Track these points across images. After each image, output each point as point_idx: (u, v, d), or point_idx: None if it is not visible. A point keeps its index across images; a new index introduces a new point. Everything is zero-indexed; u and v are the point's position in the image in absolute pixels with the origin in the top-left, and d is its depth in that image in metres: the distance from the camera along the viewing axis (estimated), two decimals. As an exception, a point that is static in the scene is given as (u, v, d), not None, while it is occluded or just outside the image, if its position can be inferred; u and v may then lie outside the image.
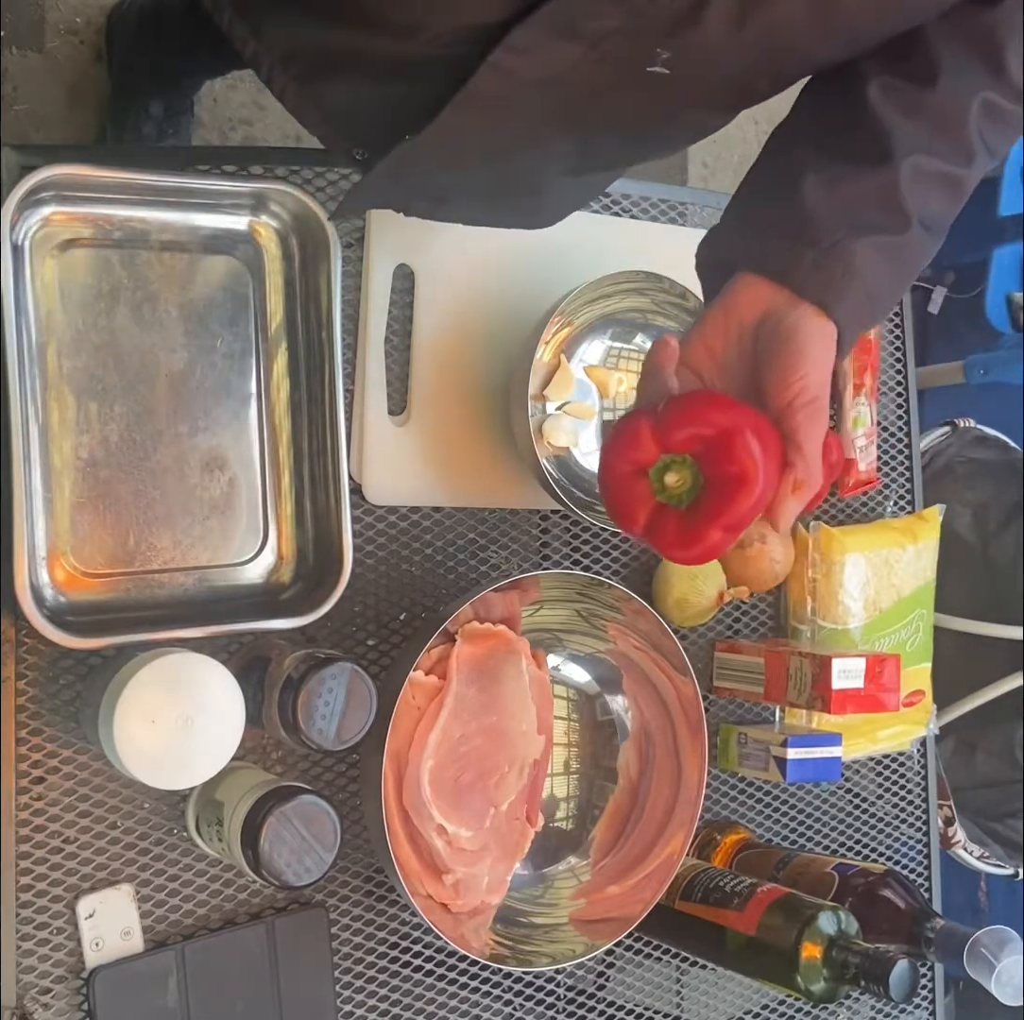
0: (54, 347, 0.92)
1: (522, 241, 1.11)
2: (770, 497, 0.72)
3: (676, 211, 1.20)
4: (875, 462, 1.28)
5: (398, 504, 1.07)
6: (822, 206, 0.73)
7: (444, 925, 0.96)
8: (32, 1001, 0.92)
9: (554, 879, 1.08)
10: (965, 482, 1.82)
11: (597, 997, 1.15)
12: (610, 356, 1.12)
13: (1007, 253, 2.09)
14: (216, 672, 0.87)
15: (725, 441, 0.70)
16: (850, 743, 1.24)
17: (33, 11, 1.66)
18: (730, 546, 0.75)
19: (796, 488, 0.72)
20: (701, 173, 2.26)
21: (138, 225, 0.95)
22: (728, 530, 0.73)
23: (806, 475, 0.72)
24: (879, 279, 0.74)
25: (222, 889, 0.99)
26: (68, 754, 0.94)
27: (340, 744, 0.88)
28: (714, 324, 0.76)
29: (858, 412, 1.25)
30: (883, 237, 0.74)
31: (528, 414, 1.02)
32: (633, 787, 1.09)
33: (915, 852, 1.33)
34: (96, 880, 0.95)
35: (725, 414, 0.71)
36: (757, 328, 0.74)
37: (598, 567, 1.16)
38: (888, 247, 0.74)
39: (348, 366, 1.04)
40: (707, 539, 0.73)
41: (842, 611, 1.23)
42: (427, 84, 0.75)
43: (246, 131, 1.82)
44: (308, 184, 1.02)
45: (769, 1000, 1.23)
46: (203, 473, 0.98)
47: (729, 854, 1.17)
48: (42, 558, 0.92)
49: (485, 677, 1.02)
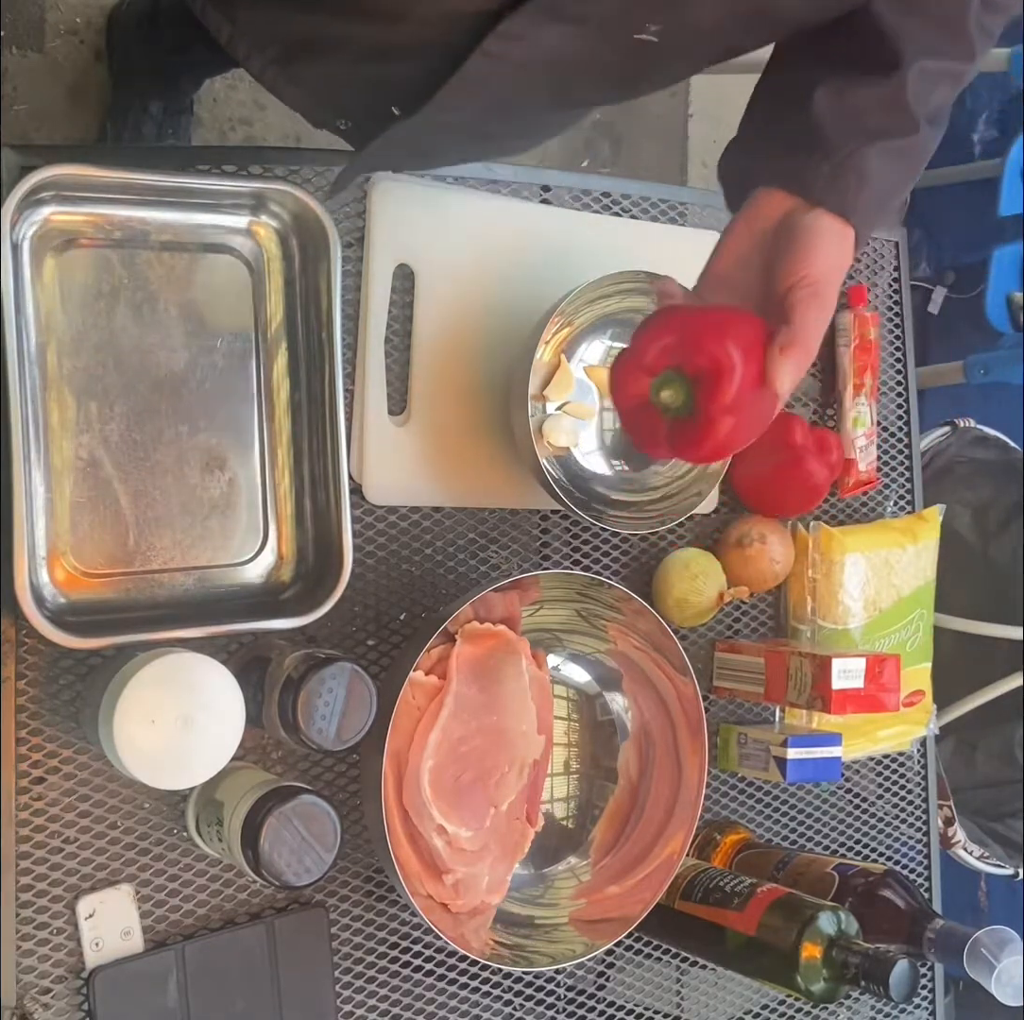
0: (54, 347, 0.92)
1: (522, 241, 1.11)
2: (758, 374, 0.75)
3: (676, 211, 1.20)
4: (875, 462, 1.28)
5: (398, 504, 1.07)
6: (833, 117, 0.76)
7: (444, 925, 0.96)
8: (32, 1001, 0.92)
9: (554, 879, 1.08)
10: (965, 482, 1.82)
11: (597, 997, 1.15)
12: (610, 356, 1.12)
13: (1007, 253, 2.09)
14: (216, 672, 0.87)
15: (692, 343, 0.75)
16: (850, 743, 1.24)
17: (33, 11, 1.66)
18: (745, 435, 0.79)
19: (783, 350, 0.74)
20: (701, 173, 2.26)
21: (138, 225, 0.95)
22: (728, 414, 0.76)
23: (790, 338, 0.74)
24: (891, 181, 0.77)
25: (222, 889, 0.99)
26: (68, 754, 0.94)
27: (340, 744, 0.88)
28: (738, 235, 0.79)
29: (858, 412, 1.25)
30: (893, 141, 0.76)
31: (528, 414, 1.02)
32: (633, 787, 1.09)
33: (915, 852, 1.33)
34: (96, 880, 0.95)
35: (686, 319, 0.77)
36: (776, 231, 0.77)
37: (598, 567, 1.16)
38: (898, 150, 0.77)
39: (348, 366, 1.04)
40: (715, 432, 0.77)
41: (842, 611, 1.23)
42: (413, 67, 0.75)
43: (246, 131, 1.82)
44: (308, 184, 1.02)
45: (769, 1000, 1.23)
46: (203, 473, 0.98)
47: (729, 854, 1.17)
48: (42, 558, 0.92)
49: (485, 677, 1.02)
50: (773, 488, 1.20)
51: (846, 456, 1.25)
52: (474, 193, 1.10)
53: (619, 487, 1.12)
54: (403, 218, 1.05)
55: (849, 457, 1.25)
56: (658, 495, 1.12)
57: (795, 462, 1.17)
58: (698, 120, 2.26)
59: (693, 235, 1.20)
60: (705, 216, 1.21)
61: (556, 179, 1.14)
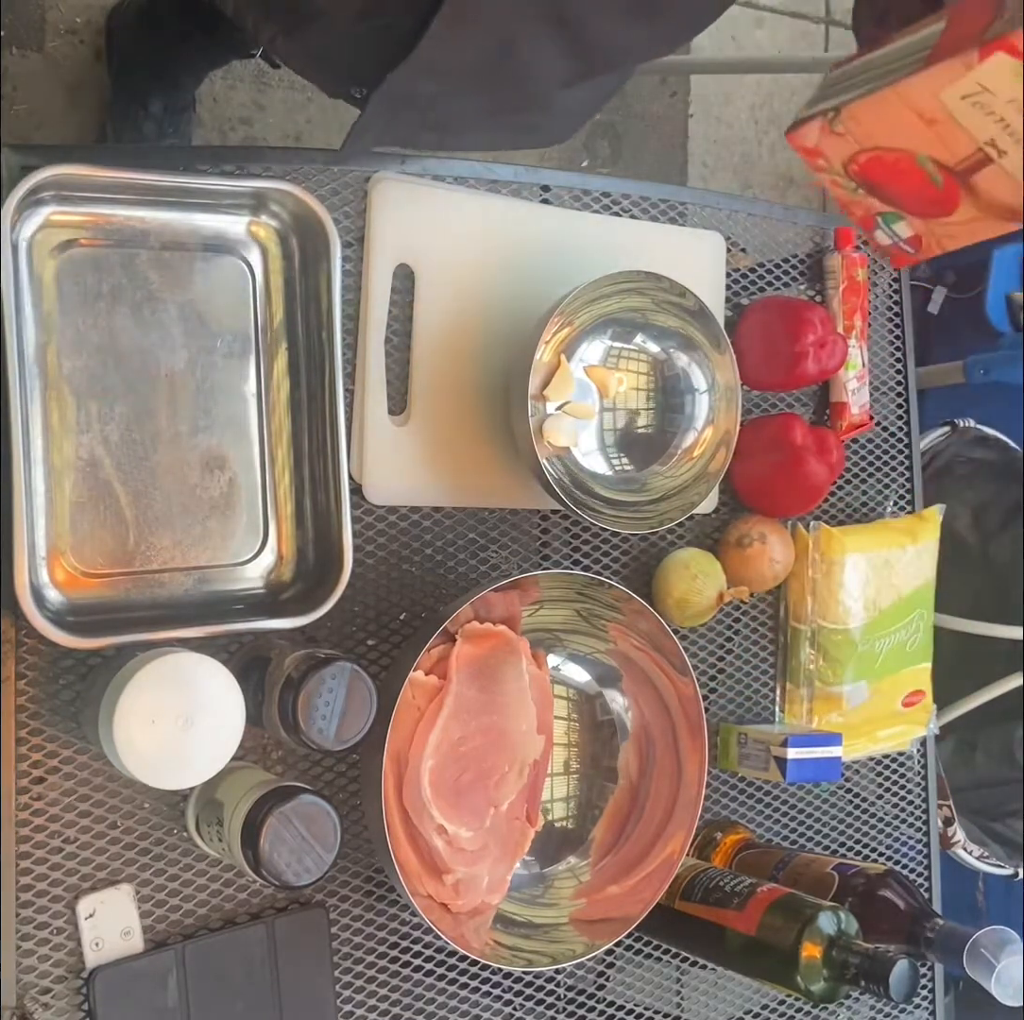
0: (54, 347, 0.92)
1: (522, 241, 1.11)
2: None
3: (676, 211, 1.20)
4: (868, 405, 1.26)
5: (398, 504, 1.07)
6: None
7: (444, 925, 0.96)
8: (32, 1001, 0.92)
9: (554, 879, 1.08)
10: (965, 482, 1.82)
11: (597, 997, 1.15)
12: (610, 356, 1.12)
13: (1007, 253, 2.09)
14: (216, 672, 0.87)
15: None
16: (850, 743, 1.24)
17: (33, 11, 1.67)
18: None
19: None
20: (701, 173, 2.27)
21: (138, 225, 0.95)
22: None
23: None
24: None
25: (222, 889, 0.99)
26: (68, 754, 0.94)
27: (340, 744, 0.88)
28: None
29: (849, 354, 1.24)
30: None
31: (528, 414, 1.02)
32: (633, 787, 1.09)
33: (915, 852, 1.33)
34: (96, 880, 0.95)
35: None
36: None
37: (598, 567, 1.16)
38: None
39: (348, 366, 1.04)
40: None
41: (842, 611, 1.23)
42: (409, 8, 0.75)
43: (246, 131, 1.82)
44: (308, 184, 1.02)
45: (769, 1000, 1.23)
46: (203, 473, 0.98)
47: (729, 854, 1.17)
48: (42, 558, 0.92)
49: (485, 677, 1.02)
50: (773, 488, 1.20)
51: (838, 400, 1.25)
52: (474, 193, 1.10)
53: (619, 487, 1.12)
54: (403, 218, 1.05)
55: (841, 400, 1.25)
56: (658, 495, 1.12)
57: (795, 462, 1.17)
58: (698, 120, 2.26)
59: (693, 235, 1.20)
60: (705, 216, 1.22)
61: (556, 179, 1.14)
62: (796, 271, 1.28)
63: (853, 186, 0.93)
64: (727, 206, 1.23)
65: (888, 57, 0.86)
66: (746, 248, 1.24)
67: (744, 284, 1.25)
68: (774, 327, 1.18)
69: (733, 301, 1.22)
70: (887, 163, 0.89)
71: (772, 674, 1.25)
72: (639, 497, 1.12)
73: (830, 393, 1.27)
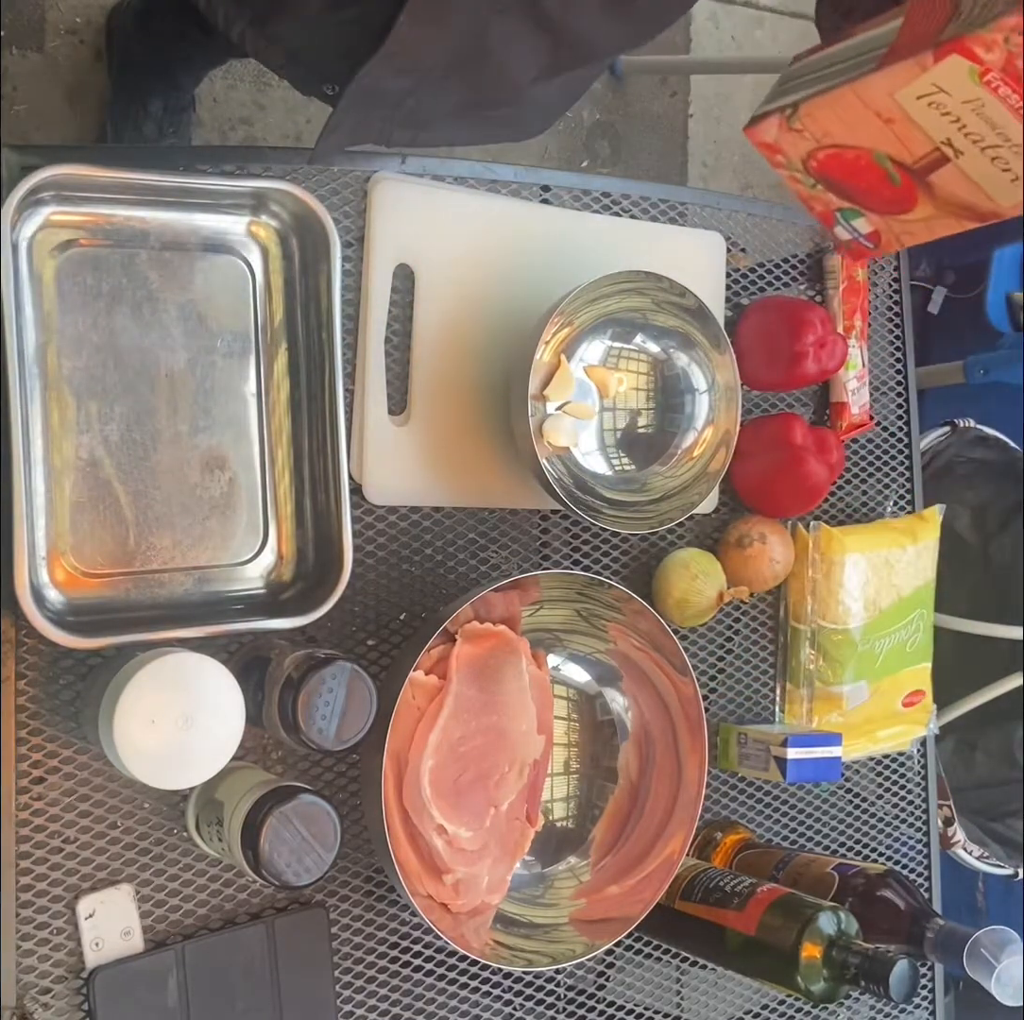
0: (54, 347, 0.92)
1: (522, 241, 1.11)
2: None
3: (676, 211, 1.20)
4: (868, 405, 1.27)
5: (398, 504, 1.07)
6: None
7: (444, 925, 0.96)
8: (32, 1001, 0.92)
9: (554, 879, 1.08)
10: (965, 482, 1.82)
11: (597, 997, 1.15)
12: (610, 356, 1.12)
13: (1007, 253, 2.09)
14: (216, 672, 0.87)
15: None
16: (850, 743, 1.24)
17: (33, 11, 1.67)
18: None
19: None
20: (701, 173, 2.27)
21: (138, 225, 0.95)
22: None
23: None
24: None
25: (222, 889, 0.99)
26: (68, 754, 0.94)
27: (340, 744, 0.88)
28: None
29: (849, 354, 1.24)
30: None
31: (528, 414, 1.02)
32: (633, 787, 1.09)
33: (915, 852, 1.33)
34: (96, 880, 0.95)
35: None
36: None
37: (598, 567, 1.16)
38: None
39: (348, 366, 1.04)
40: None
41: (842, 611, 1.23)
42: (381, 8, 0.75)
43: (246, 131, 1.82)
44: (308, 183, 1.02)
45: (769, 1000, 1.23)
46: (203, 473, 0.98)
47: (729, 854, 1.17)
48: (42, 558, 0.92)
49: (485, 677, 1.02)
50: (773, 488, 1.20)
51: (838, 400, 1.25)
52: (474, 193, 1.10)
53: (619, 487, 1.12)
54: (403, 218, 1.05)
55: (841, 400, 1.25)
56: (658, 495, 1.12)
57: (795, 462, 1.17)
58: (698, 120, 2.26)
59: (693, 235, 1.20)
60: (705, 216, 1.22)
61: (556, 179, 1.14)
62: (796, 271, 1.28)
63: (812, 182, 0.93)
64: (727, 206, 1.23)
65: (847, 53, 0.86)
66: (746, 248, 1.24)
67: (744, 284, 1.25)
68: (774, 327, 1.18)
69: (733, 301, 1.22)
70: (845, 160, 0.88)
71: (772, 674, 1.25)
72: (639, 497, 1.12)
73: (830, 393, 1.27)
